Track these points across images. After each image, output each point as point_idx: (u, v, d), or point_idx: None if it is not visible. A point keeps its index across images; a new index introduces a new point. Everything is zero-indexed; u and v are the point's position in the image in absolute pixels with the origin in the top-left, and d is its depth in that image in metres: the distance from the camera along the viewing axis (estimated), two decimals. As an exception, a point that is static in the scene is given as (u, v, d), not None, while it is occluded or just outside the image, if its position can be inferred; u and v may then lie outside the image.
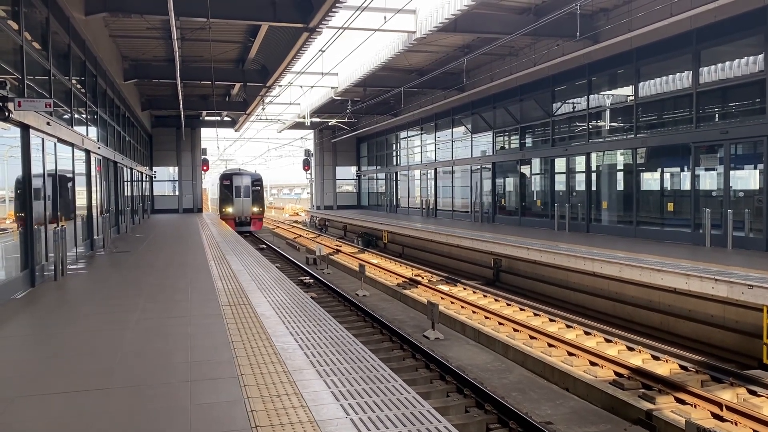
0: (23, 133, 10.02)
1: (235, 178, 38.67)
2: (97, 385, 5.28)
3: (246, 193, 38.33)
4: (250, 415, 4.47)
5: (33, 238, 10.30)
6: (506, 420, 7.97)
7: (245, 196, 38.24)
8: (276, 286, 10.28)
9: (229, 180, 38.46)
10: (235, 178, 38.69)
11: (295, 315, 7.89)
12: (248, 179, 38.79)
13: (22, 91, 10.02)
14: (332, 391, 4.93)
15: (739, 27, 15.09)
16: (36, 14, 11.70)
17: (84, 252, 15.41)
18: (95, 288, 10.43)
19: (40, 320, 8.01)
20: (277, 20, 16.46)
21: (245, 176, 39.08)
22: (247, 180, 38.74)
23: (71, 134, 13.27)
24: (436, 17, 18.69)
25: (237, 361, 5.85)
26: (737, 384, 9.14)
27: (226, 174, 39.93)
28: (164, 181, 40.88)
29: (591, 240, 18.02)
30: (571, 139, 22.33)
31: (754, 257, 13.34)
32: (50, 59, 12.05)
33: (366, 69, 26.08)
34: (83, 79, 16.26)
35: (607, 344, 11.63)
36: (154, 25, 18.88)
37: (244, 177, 38.88)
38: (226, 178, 38.85)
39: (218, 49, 21.97)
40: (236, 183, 38.33)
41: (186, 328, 7.26)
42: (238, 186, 38.25)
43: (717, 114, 16.48)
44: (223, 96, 33.26)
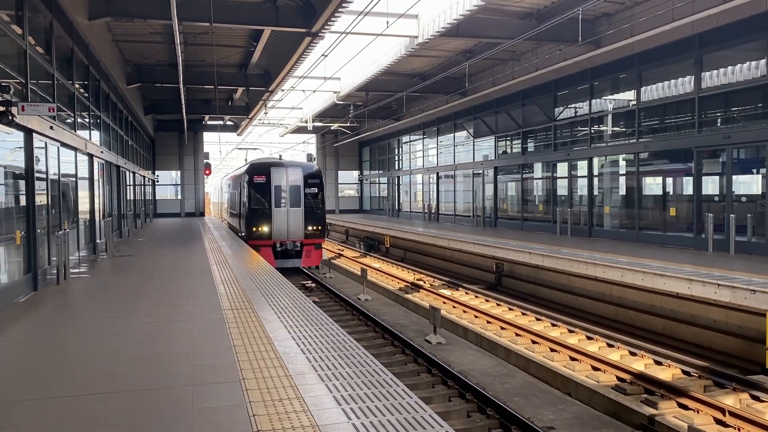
0: (26, 137, 10.05)
1: (275, 172, 22.12)
2: (100, 389, 5.28)
3: (295, 198, 22.09)
4: (252, 420, 4.47)
5: (36, 242, 10.32)
6: (508, 425, 7.95)
7: (293, 203, 22.01)
8: (278, 290, 10.28)
9: (264, 175, 22.08)
10: (276, 171, 22.16)
11: (297, 319, 7.89)
12: (298, 173, 22.37)
13: (25, 96, 10.06)
14: (334, 396, 4.93)
15: (742, 32, 15.10)
16: (40, 19, 11.75)
17: (86, 256, 15.43)
18: (97, 292, 10.44)
19: (43, 324, 8.02)
20: (279, 25, 16.52)
21: (293, 169, 22.54)
22: (297, 175, 22.32)
23: (74, 138, 13.31)
24: (439, 22, 18.74)
25: (239, 365, 5.85)
26: (740, 389, 9.11)
27: (259, 165, 22.87)
28: (167, 185, 40.93)
29: (593, 244, 18.00)
30: (573, 143, 22.33)
31: (756, 262, 13.31)
32: (53, 63, 12.09)
33: (368, 73, 26.14)
34: (86, 83, 16.32)
35: (610, 349, 11.60)
36: (157, 29, 18.95)
37: (292, 170, 22.47)
38: (258, 171, 22.29)
39: (221, 53, 22.05)
40: (277, 180, 22.08)
41: (188, 332, 7.26)
42: (279, 186, 22.07)
43: (719, 118, 16.48)
44: (225, 100, 33.32)
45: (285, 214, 21.61)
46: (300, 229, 21.65)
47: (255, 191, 21.57)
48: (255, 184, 21.64)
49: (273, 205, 21.47)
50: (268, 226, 21.36)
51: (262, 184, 21.66)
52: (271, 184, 21.59)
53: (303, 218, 21.71)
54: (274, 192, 21.60)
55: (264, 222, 21.43)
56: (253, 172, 22.01)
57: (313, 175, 22.39)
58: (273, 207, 21.45)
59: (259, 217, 21.43)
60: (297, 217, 21.73)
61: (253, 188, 21.60)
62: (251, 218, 21.51)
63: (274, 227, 21.41)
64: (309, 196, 21.96)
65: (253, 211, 21.56)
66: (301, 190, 21.87)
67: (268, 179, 21.63)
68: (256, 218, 21.44)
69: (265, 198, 21.54)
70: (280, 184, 21.73)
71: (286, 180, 21.80)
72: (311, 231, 21.83)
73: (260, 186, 21.65)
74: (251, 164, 23.14)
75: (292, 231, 21.56)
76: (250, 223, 21.48)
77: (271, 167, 21.85)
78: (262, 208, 21.44)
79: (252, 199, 21.56)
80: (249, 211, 21.63)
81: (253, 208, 21.54)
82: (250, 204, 21.58)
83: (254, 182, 21.66)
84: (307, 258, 21.87)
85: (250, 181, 21.69)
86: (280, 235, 21.47)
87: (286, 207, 21.59)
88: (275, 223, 21.43)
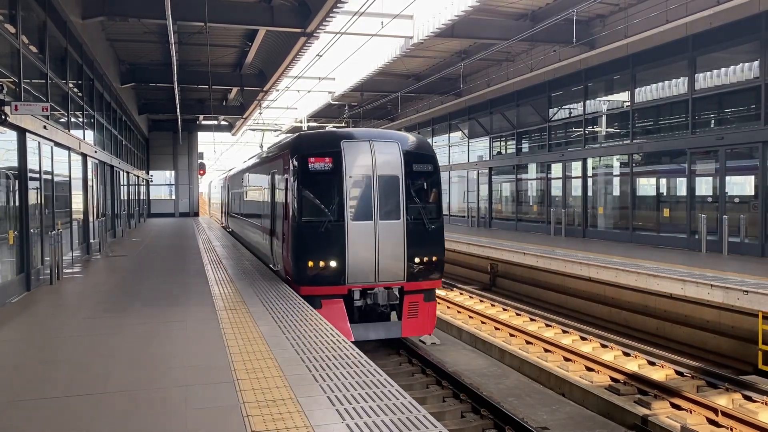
0: (20, 136, 10.01)
1: (350, 149, 11.37)
2: (93, 389, 5.26)
3: (390, 200, 11.39)
4: (245, 420, 4.46)
5: (29, 242, 10.27)
6: (502, 425, 7.96)
7: (387, 211, 11.32)
8: (272, 290, 10.28)
9: (328, 157, 11.34)
10: (352, 149, 11.37)
11: (291, 320, 7.88)
12: (394, 152, 11.49)
13: (18, 95, 10.01)
14: (328, 396, 4.93)
15: (735, 34, 15.17)
16: (33, 18, 11.70)
17: (80, 256, 15.37)
18: (91, 292, 10.40)
19: (36, 325, 7.98)
20: (274, 25, 16.51)
21: (385, 144, 11.57)
22: (393, 155, 11.49)
23: (68, 138, 13.25)
24: (434, 22, 18.76)
25: (233, 366, 5.84)
26: (732, 389, 9.15)
27: (318, 138, 12.40)
28: (161, 185, 40.82)
29: (587, 245, 18.05)
30: (567, 144, 22.39)
31: (749, 263, 13.38)
32: (47, 63, 12.04)
33: (363, 74, 26.15)
34: (80, 82, 16.26)
35: (603, 349, 11.64)
36: (151, 29, 18.90)
37: (383, 147, 11.52)
38: (316, 149, 11.49)
39: (215, 53, 22.01)
40: (355, 166, 11.33)
41: (182, 333, 7.24)
42: (360, 178, 11.37)
43: (713, 120, 16.56)
44: (220, 100, 33.29)
45: (370, 233, 11.07)
46: (399, 263, 11.19)
47: (309, 188, 11.18)
48: (309, 175, 11.16)
49: (347, 215, 11.02)
50: (337, 257, 10.92)
51: (324, 173, 11.19)
52: (343, 173, 11.07)
53: (405, 240, 11.16)
54: (348, 189, 11.10)
55: (328, 250, 10.97)
56: (305, 150, 11.31)
57: (423, 155, 11.69)
58: (347, 220, 10.99)
59: (319, 239, 10.99)
60: (394, 238, 11.15)
61: (306, 182, 11.16)
62: (302, 242, 11.12)
63: (351, 260, 10.96)
64: (415, 197, 11.41)
65: (305, 228, 11.09)
66: (402, 184, 11.27)
67: (338, 164, 11.10)
68: (313, 242, 11.02)
69: (331, 202, 11.06)
70: (362, 175, 11.18)
71: (373, 165, 11.19)
72: (420, 266, 11.32)
73: (320, 178, 11.24)
74: (300, 137, 12.14)
75: (385, 267, 11.11)
76: (299, 252, 11.10)
77: (343, 141, 11.27)
78: (324, 221, 10.94)
79: (304, 203, 11.12)
80: (297, 228, 11.18)
81: (306, 223, 11.09)
82: (300, 214, 11.11)
83: (308, 171, 11.14)
84: (412, 319, 11.36)
85: (300, 170, 11.16)
86: (360, 276, 11.01)
87: (374, 219, 11.09)
88: (352, 251, 10.96)
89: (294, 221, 11.13)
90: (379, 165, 11.15)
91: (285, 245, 11.74)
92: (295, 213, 11.10)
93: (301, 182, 11.06)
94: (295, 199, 11.08)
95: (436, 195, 11.81)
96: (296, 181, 11.11)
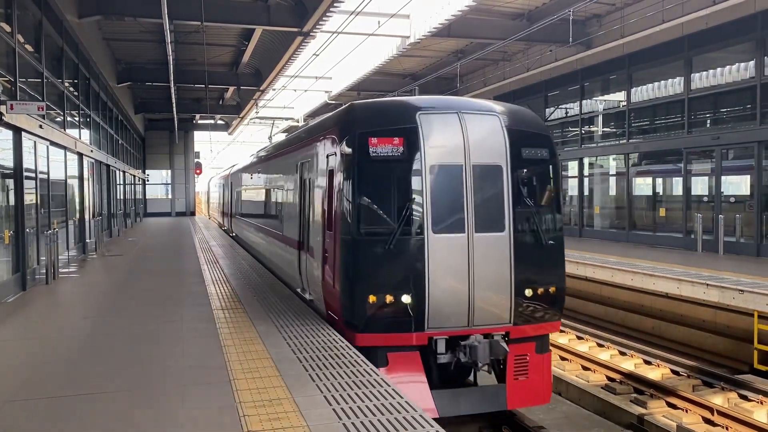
0: (15, 135, 9.98)
1: (431, 123, 7.28)
2: (89, 389, 5.25)
3: (489, 203, 7.28)
4: (242, 420, 4.46)
5: (25, 241, 10.24)
6: (499, 424, 7.96)
7: (486, 220, 7.22)
8: (269, 290, 10.26)
9: (399, 137, 7.14)
10: (433, 124, 7.28)
11: (288, 319, 7.87)
12: (496, 129, 7.42)
13: (14, 94, 9.99)
14: (324, 396, 4.93)
15: (731, 34, 15.21)
16: (29, 17, 11.67)
17: (76, 255, 15.33)
18: (87, 292, 10.38)
19: (31, 324, 7.96)
20: (271, 24, 16.49)
21: (481, 118, 7.46)
22: (493, 135, 7.40)
23: (64, 137, 13.22)
24: (430, 22, 18.77)
25: (229, 366, 5.84)
26: (728, 389, 9.18)
27: (383, 109, 7.87)
28: (157, 185, 40.73)
29: (583, 244, 18.08)
30: (563, 144, 22.41)
31: (745, 262, 13.42)
32: (43, 62, 12.01)
33: (360, 73, 26.14)
34: (76, 81, 16.23)
35: (600, 349, 11.66)
36: (147, 28, 18.86)
37: (478, 121, 7.41)
38: (380, 125, 7.31)
39: (212, 52, 21.98)
40: (439, 151, 7.19)
41: (178, 333, 7.23)
42: (446, 166, 7.20)
43: (709, 120, 16.60)
44: (216, 99, 33.23)
45: (462, 252, 7.21)
46: (504, 297, 7.32)
47: (370, 184, 7.33)
48: (370, 164, 7.27)
49: (427, 225, 7.17)
50: (412, 289, 7.07)
51: (392, 162, 7.29)
52: (421, 160, 7.24)
53: (512, 263, 7.35)
54: (429, 185, 7.22)
55: (399, 278, 7.14)
56: (363, 126, 7.45)
57: (535, 136, 7.84)
58: (428, 232, 7.17)
59: (385, 262, 7.17)
60: (496, 259, 7.33)
61: (365, 175, 7.30)
62: (359, 265, 7.26)
63: (432, 293, 7.10)
64: (527, 197, 7.59)
65: (363, 245, 7.26)
66: (507, 177, 7.46)
67: (413, 146, 7.25)
68: (376, 266, 7.20)
69: (403, 204, 7.22)
70: (450, 163, 7.32)
71: (465, 149, 7.35)
72: (533, 301, 7.48)
73: (386, 168, 7.33)
74: (353, 109, 8.02)
75: (483, 303, 7.24)
76: (355, 281, 7.25)
77: (419, 113, 7.43)
78: (393, 234, 7.10)
79: (361, 207, 7.27)
80: (351, 245, 7.32)
81: (366, 237, 7.26)
82: (357, 223, 7.26)
83: (368, 157, 7.25)
84: (521, 381, 7.55)
85: (356, 156, 7.31)
86: (446, 318, 7.17)
87: (467, 231, 7.24)
88: (434, 280, 7.12)
89: (346, 233, 7.15)
90: (473, 149, 7.17)
91: (328, 268, 7.70)
92: (348, 221, 7.14)
93: (359, 175, 7.07)
94: (348, 201, 7.15)
95: (552, 194, 7.68)
96: (350, 173, 7.15)
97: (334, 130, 8.02)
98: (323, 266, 7.99)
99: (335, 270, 7.46)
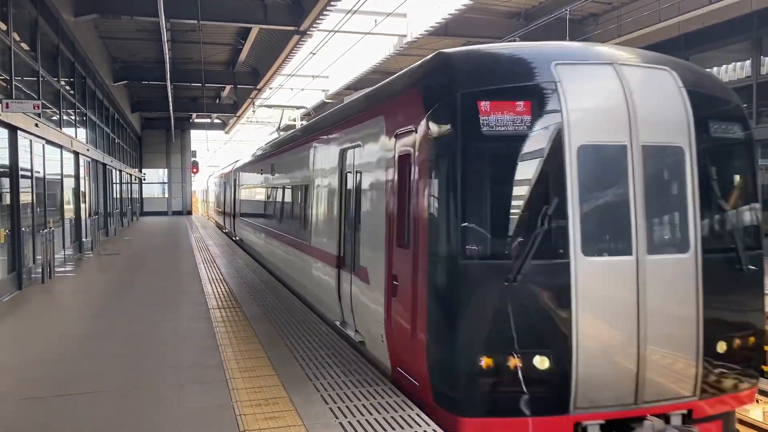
0: (11, 134, 9.95)
1: (572, 81, 4.50)
2: (85, 389, 5.23)
3: (668, 203, 4.60)
4: (238, 419, 4.45)
5: (20, 240, 10.21)
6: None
7: (667, 240, 4.58)
8: (266, 289, 10.24)
9: (523, 106, 4.39)
10: (573, 79, 4.52)
11: (285, 319, 7.86)
12: (668, 89, 4.71)
13: (10, 93, 9.96)
14: (321, 395, 4.92)
15: (727, 33, 15.24)
16: (25, 15, 11.63)
17: (72, 254, 15.30)
18: (83, 291, 10.35)
19: (27, 323, 7.94)
20: (268, 23, 16.48)
21: (650, 74, 4.74)
22: (667, 97, 4.69)
23: (60, 136, 13.18)
24: (427, 21, 18.76)
25: (226, 364, 5.82)
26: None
27: (486, 59, 5.00)
28: (154, 184, 40.66)
29: None
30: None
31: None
32: (39, 60, 11.97)
33: (357, 72, 26.12)
34: (72, 80, 16.18)
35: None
36: (144, 26, 18.82)
37: (647, 77, 4.70)
38: (491, 86, 4.52)
39: (209, 51, 21.94)
40: (595, 127, 4.43)
41: (175, 332, 7.21)
42: (601, 154, 4.45)
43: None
44: (213, 98, 33.19)
45: (627, 285, 4.40)
46: (689, 356, 4.53)
47: (476, 177, 4.52)
48: (481, 143, 4.46)
49: (573, 243, 4.34)
50: (550, 346, 4.33)
51: (513, 140, 4.45)
52: (563, 137, 4.40)
53: (699, 300, 4.53)
54: (579, 179, 4.40)
55: (529, 328, 4.39)
56: (468, 83, 4.59)
57: (722, 103, 5.12)
58: (574, 254, 4.33)
59: (505, 303, 4.36)
60: (676, 296, 4.52)
61: (472, 161, 4.48)
62: (463, 303, 4.44)
63: (582, 350, 4.31)
64: (720, 198, 4.83)
65: (470, 275, 4.41)
66: (690, 164, 4.64)
67: (545, 117, 4.47)
68: (490, 310, 4.41)
69: (532, 209, 4.41)
70: (606, 142, 4.49)
71: (630, 118, 4.52)
72: (727, 358, 4.73)
73: (506, 150, 4.51)
74: (449, 58, 4.96)
75: (659, 366, 4.45)
76: (455, 327, 4.42)
77: (556, 63, 4.60)
78: (521, 259, 4.33)
79: (467, 212, 4.46)
80: (450, 274, 4.46)
81: (474, 260, 4.43)
82: (461, 239, 4.40)
83: (477, 131, 4.40)
84: None
85: (458, 132, 4.46)
86: (602, 392, 4.39)
87: (634, 252, 4.41)
88: (584, 329, 4.32)
89: (440, 254, 4.58)
90: (642, 120, 4.58)
91: (402, 303, 5.10)
92: (443, 235, 4.55)
93: (463, 162, 4.48)
94: (442, 204, 4.57)
95: (751, 193, 5.14)
96: (446, 159, 4.57)
97: (411, 95, 5.35)
98: (390, 299, 5.25)
99: (418, 309, 4.72)
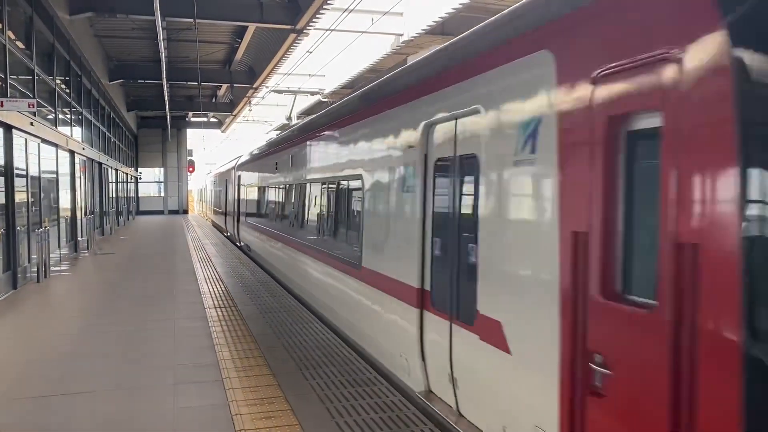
0: (6, 133, 9.91)
1: None
2: (81, 388, 5.21)
3: None
4: (234, 419, 4.44)
5: (15, 239, 10.17)
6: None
7: None
8: (262, 288, 10.23)
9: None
10: None
11: (282, 318, 7.85)
12: None
13: (4, 91, 9.91)
14: (318, 394, 4.91)
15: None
16: (19, 13, 11.58)
17: (68, 254, 15.25)
18: (78, 290, 10.32)
19: (22, 323, 7.90)
20: (264, 21, 16.44)
21: None
22: None
23: (55, 135, 13.14)
24: (424, 20, 18.76)
25: (222, 364, 5.81)
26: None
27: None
28: (150, 183, 40.57)
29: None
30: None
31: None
32: (34, 59, 11.92)
33: (354, 71, 26.10)
34: (68, 79, 16.12)
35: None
36: (140, 25, 18.76)
37: None
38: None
39: (205, 50, 21.89)
40: None
41: (170, 331, 7.19)
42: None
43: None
44: (209, 97, 33.12)
45: None
46: None
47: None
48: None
49: None
50: None
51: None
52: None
53: None
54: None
55: None
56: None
57: None
58: None
59: None
60: None
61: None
62: None
63: None
64: None
65: None
66: None
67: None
68: None
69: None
70: None
71: None
72: None
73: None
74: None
75: None
76: None
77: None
78: None
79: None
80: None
81: None
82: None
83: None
84: None
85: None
86: None
87: None
88: None
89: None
90: None
91: (631, 415, 2.50)
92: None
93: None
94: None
95: None
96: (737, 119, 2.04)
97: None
98: (584, 396, 2.82)
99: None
